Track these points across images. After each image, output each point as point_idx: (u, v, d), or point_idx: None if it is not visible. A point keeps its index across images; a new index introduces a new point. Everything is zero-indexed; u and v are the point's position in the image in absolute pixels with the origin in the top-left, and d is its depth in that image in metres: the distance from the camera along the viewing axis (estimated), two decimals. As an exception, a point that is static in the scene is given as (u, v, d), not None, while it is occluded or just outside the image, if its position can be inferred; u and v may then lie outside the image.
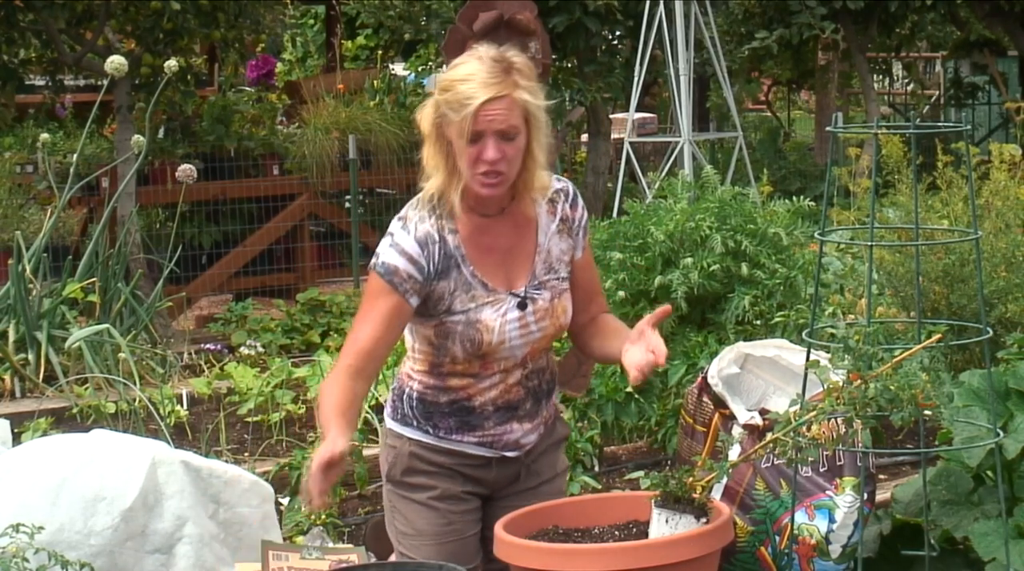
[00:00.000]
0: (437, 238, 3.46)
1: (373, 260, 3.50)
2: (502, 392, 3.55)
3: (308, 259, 11.19)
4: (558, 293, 3.55)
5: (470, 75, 3.36)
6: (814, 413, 3.27)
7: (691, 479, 3.27)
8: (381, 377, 7.41)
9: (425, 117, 3.47)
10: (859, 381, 3.22)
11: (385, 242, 3.50)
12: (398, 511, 3.65)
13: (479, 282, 3.48)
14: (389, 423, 3.67)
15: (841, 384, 3.26)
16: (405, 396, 3.62)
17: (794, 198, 6.87)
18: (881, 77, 17.62)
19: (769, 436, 3.36)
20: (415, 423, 3.60)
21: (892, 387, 3.17)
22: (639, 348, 3.37)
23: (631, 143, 11.25)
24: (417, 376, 3.59)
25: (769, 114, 20.32)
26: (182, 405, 7.43)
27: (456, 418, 3.56)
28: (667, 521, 3.25)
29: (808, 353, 3.69)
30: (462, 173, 3.42)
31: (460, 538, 3.59)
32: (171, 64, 8.58)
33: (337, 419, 3.35)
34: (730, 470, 3.38)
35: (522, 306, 3.50)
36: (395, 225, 3.52)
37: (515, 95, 3.36)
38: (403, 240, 3.47)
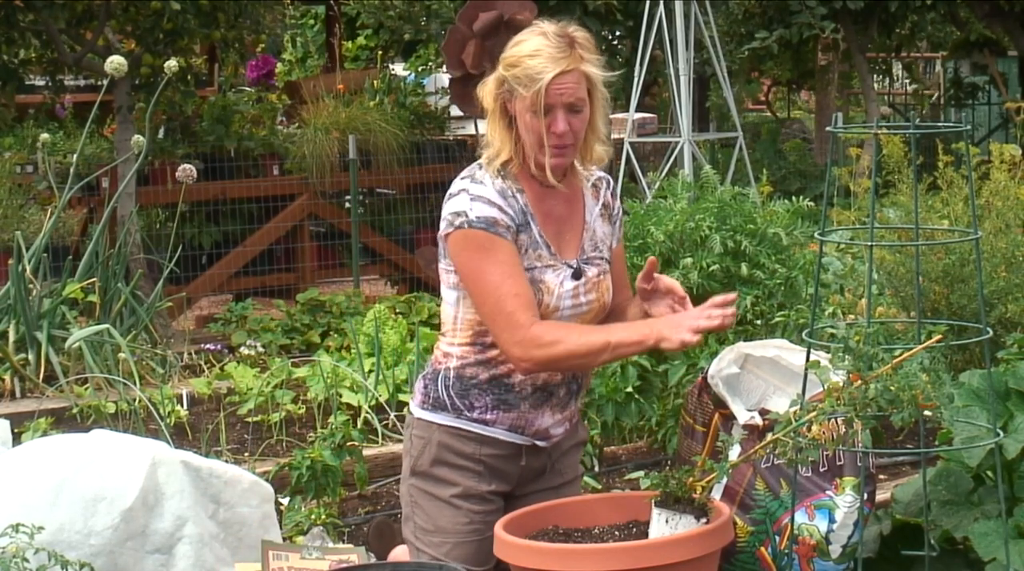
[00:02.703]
0: (511, 193, 3.51)
1: (456, 220, 3.46)
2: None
3: (308, 259, 11.18)
4: (603, 272, 3.63)
5: (537, 50, 3.42)
6: (814, 414, 3.27)
7: (691, 479, 3.27)
8: (381, 377, 7.43)
9: (488, 93, 3.51)
10: (859, 382, 3.22)
11: (462, 200, 3.48)
12: (419, 506, 3.65)
13: (544, 243, 3.54)
14: (418, 412, 3.66)
15: (841, 385, 3.26)
16: (440, 377, 3.61)
17: (794, 198, 6.88)
18: (881, 77, 17.63)
19: (769, 436, 3.36)
20: (448, 405, 3.59)
21: (892, 388, 3.17)
22: (662, 304, 3.53)
23: (631, 143, 11.25)
24: (458, 351, 3.58)
25: (769, 114, 20.33)
26: (182, 405, 7.43)
27: (494, 395, 3.57)
28: (667, 521, 3.25)
29: (808, 353, 3.69)
30: (527, 145, 3.48)
31: (479, 539, 3.59)
32: (171, 64, 8.59)
33: (621, 324, 3.51)
34: (730, 470, 3.37)
35: (576, 276, 3.56)
36: (462, 184, 3.52)
37: (582, 68, 3.44)
38: (484, 192, 3.49)
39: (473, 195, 3.48)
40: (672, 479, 3.27)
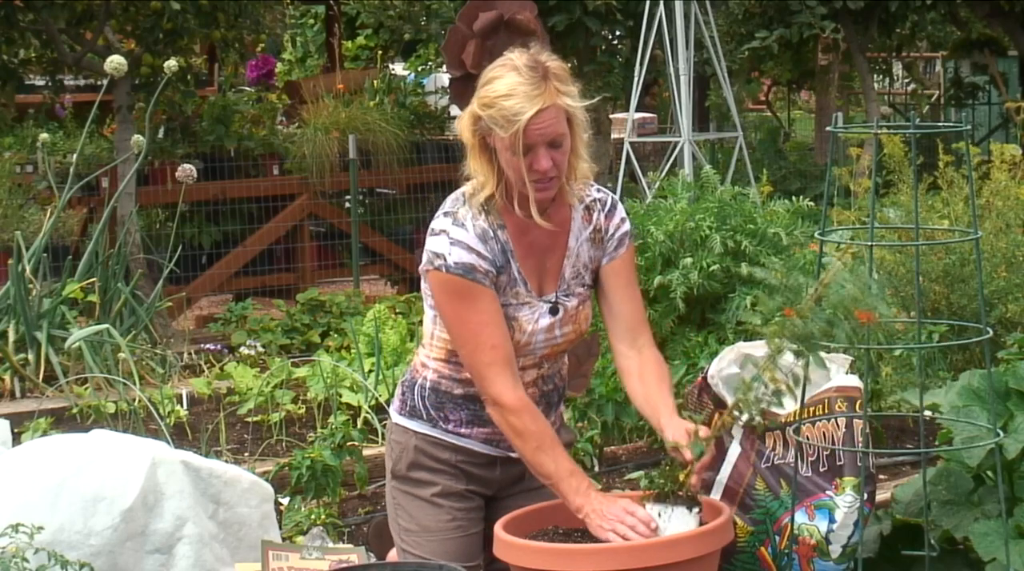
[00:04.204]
0: (492, 234, 3.47)
1: (435, 261, 3.44)
2: None
3: (308, 259, 11.18)
4: (583, 300, 3.58)
5: (512, 90, 3.36)
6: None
7: (680, 473, 3.29)
8: (381, 377, 7.42)
9: (465, 127, 3.47)
10: (794, 315, 3.25)
11: (442, 241, 3.45)
12: (402, 508, 3.66)
13: (522, 280, 3.51)
14: (396, 418, 3.67)
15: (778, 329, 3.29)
16: (417, 387, 3.62)
17: (794, 198, 6.88)
18: (881, 77, 17.61)
19: (732, 402, 3.40)
20: (424, 415, 3.60)
21: (828, 309, 3.20)
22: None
23: (631, 143, 11.25)
24: (433, 364, 3.59)
25: (769, 114, 20.32)
26: (182, 405, 7.43)
27: (468, 411, 3.57)
28: (659, 515, 3.28)
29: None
30: (511, 179, 3.44)
31: (464, 535, 3.61)
32: (171, 64, 8.59)
33: (571, 465, 3.44)
34: (707, 444, 3.37)
35: (553, 312, 3.53)
36: (444, 222, 3.48)
37: (558, 102, 3.37)
38: (464, 237, 3.45)
39: (453, 239, 3.44)
40: (661, 476, 3.30)
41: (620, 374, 3.65)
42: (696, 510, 3.26)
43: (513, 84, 3.36)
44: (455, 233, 3.45)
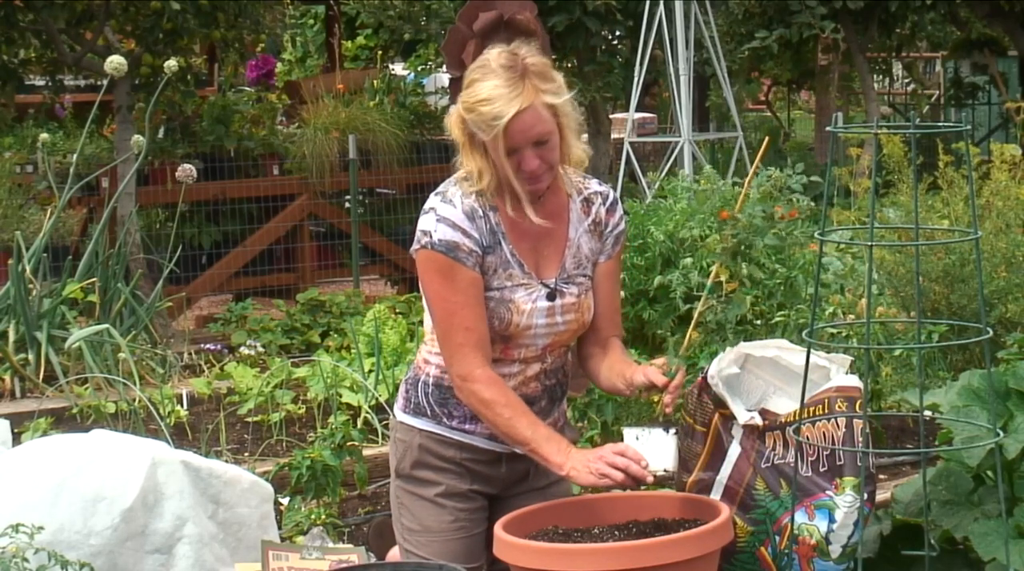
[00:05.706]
0: (482, 213, 3.48)
1: (422, 239, 3.48)
2: (520, 384, 3.56)
3: (308, 259, 11.18)
4: (585, 290, 3.58)
5: (490, 94, 3.35)
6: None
7: (654, 397, 3.34)
8: (381, 377, 7.43)
9: (454, 125, 3.47)
10: (728, 216, 3.31)
11: (429, 219, 3.47)
12: (405, 507, 3.66)
13: (517, 262, 3.50)
14: (400, 416, 3.67)
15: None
16: (420, 384, 3.62)
17: (794, 198, 6.88)
18: (881, 77, 17.61)
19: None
20: (428, 412, 3.60)
21: (759, 213, 3.25)
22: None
23: (631, 143, 11.25)
24: (435, 360, 3.58)
25: (769, 114, 20.32)
26: (182, 405, 7.43)
27: None
28: (637, 438, 3.32)
29: (808, 353, 3.69)
30: (502, 177, 3.44)
31: (467, 536, 3.61)
32: (171, 64, 8.59)
33: (548, 430, 3.44)
34: (678, 365, 3.41)
35: (551, 297, 3.52)
36: (434, 201, 3.51)
37: (537, 101, 3.36)
38: (451, 213, 3.46)
39: (440, 216, 3.46)
40: (636, 404, 3.36)
41: (582, 360, 3.68)
42: (672, 431, 3.30)
43: (491, 87, 3.37)
44: (442, 210, 3.48)
